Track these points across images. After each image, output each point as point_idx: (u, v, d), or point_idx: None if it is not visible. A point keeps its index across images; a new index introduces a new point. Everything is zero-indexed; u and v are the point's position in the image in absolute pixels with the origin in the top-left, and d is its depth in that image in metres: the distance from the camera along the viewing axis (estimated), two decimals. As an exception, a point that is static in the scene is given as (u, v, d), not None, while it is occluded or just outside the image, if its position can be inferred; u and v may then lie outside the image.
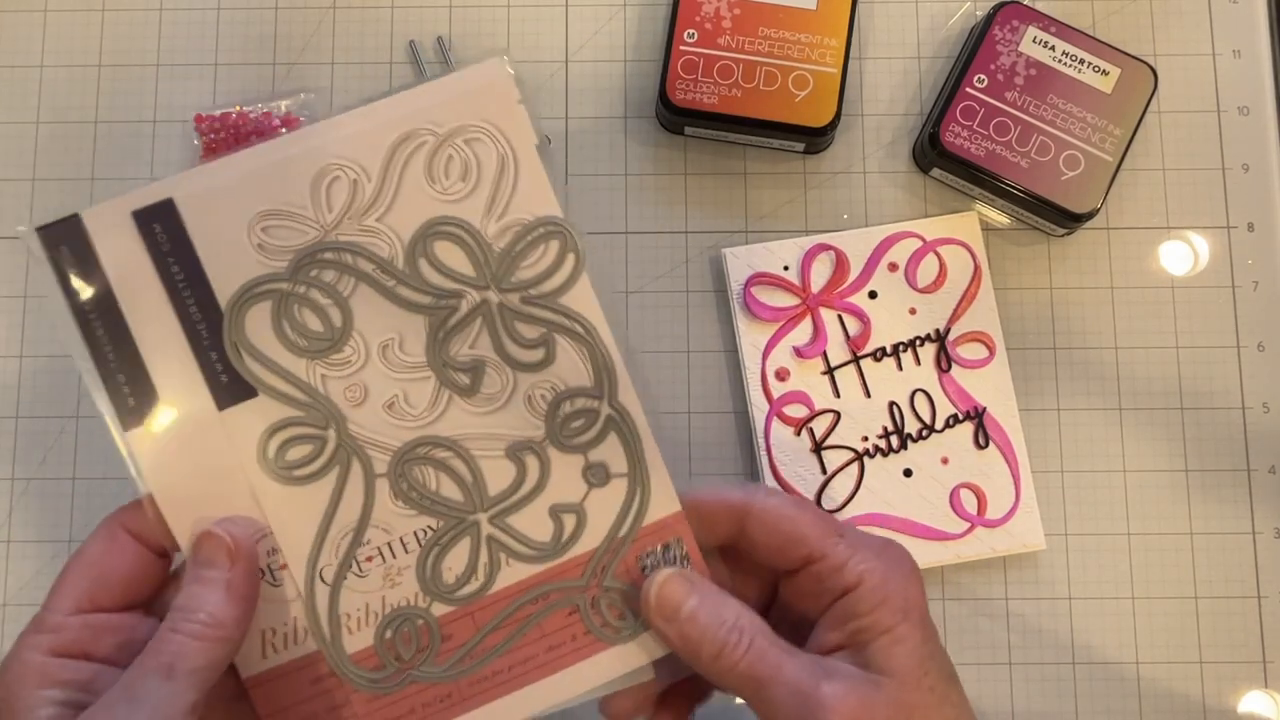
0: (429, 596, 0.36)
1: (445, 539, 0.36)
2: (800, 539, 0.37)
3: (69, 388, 0.52)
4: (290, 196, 0.36)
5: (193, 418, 0.36)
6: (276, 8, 0.55)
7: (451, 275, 0.36)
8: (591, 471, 0.37)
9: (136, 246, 0.36)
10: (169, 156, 0.53)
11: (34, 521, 0.51)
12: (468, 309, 0.37)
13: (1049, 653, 0.50)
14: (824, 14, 0.51)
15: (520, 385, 0.37)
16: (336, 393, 0.36)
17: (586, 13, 0.54)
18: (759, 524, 0.37)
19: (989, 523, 0.50)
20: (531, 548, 0.37)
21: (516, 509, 0.37)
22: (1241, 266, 0.52)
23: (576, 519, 0.37)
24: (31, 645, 0.34)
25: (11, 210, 0.53)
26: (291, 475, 0.36)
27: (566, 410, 0.37)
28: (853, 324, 0.51)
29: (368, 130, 0.37)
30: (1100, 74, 0.50)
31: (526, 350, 0.37)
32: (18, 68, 0.54)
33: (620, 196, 0.53)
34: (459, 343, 0.37)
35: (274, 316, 0.36)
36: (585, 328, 0.37)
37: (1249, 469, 0.51)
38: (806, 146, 0.52)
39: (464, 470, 0.37)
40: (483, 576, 0.37)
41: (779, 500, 0.37)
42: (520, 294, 0.37)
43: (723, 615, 0.36)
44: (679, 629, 0.36)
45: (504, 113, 0.36)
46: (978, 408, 0.50)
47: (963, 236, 0.52)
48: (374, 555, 0.36)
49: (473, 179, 0.36)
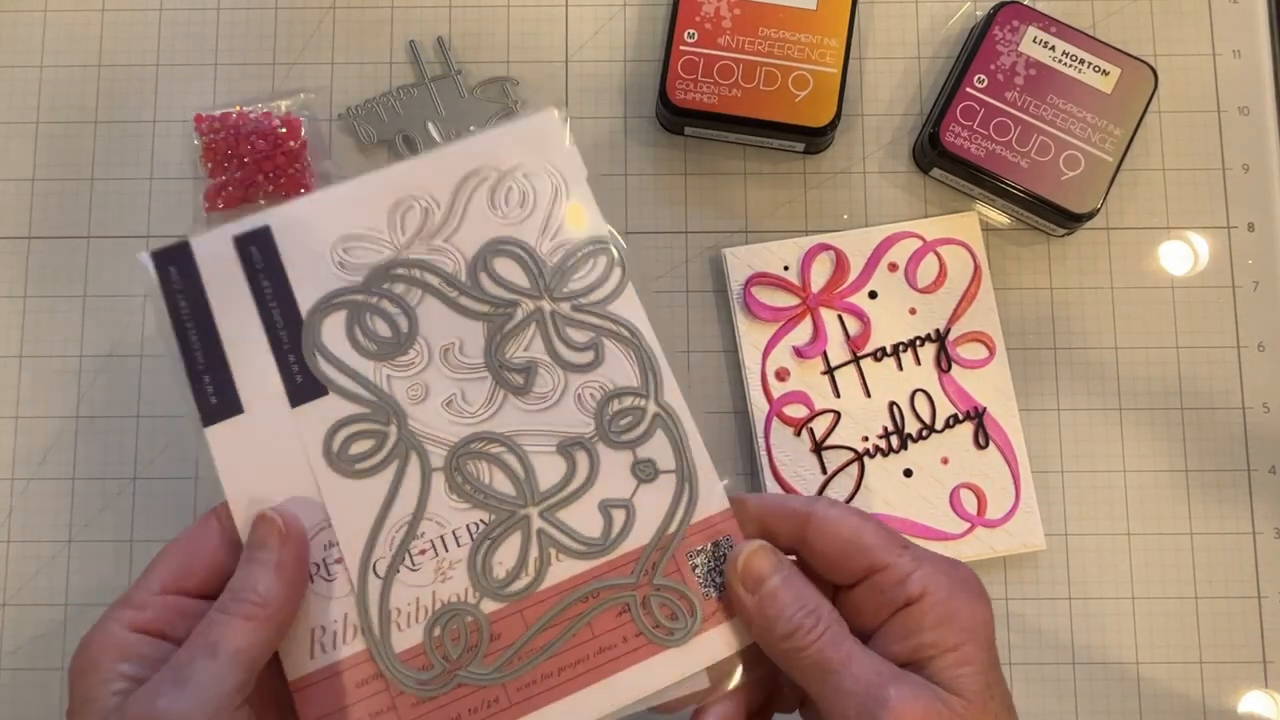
0: (479, 592, 0.37)
1: (496, 532, 0.38)
2: (863, 548, 0.36)
3: (69, 387, 0.52)
4: (369, 222, 0.40)
5: (268, 414, 0.39)
6: (276, 8, 0.55)
7: (509, 286, 0.40)
8: (640, 467, 0.38)
9: (234, 265, 0.39)
10: (169, 156, 0.53)
11: (34, 521, 0.51)
12: (523, 316, 0.40)
13: (1049, 653, 0.50)
14: (824, 14, 0.51)
15: (571, 385, 0.39)
16: (400, 391, 0.39)
17: (586, 13, 0.54)
18: (820, 533, 0.37)
19: (989, 523, 0.50)
20: (581, 542, 0.38)
21: (567, 503, 0.38)
22: (1241, 266, 0.52)
23: (626, 514, 0.38)
24: (116, 618, 0.36)
25: (12, 210, 0.53)
26: (353, 469, 0.38)
27: (615, 408, 0.39)
28: (853, 324, 0.51)
29: (440, 168, 0.41)
30: (1100, 74, 0.50)
31: (577, 352, 0.39)
32: (18, 68, 0.54)
33: (620, 196, 0.53)
34: (514, 346, 0.39)
35: (348, 323, 0.40)
36: (631, 331, 0.39)
37: (1249, 469, 0.51)
38: (806, 146, 0.52)
39: (516, 465, 0.38)
40: (533, 572, 0.37)
41: (841, 510, 0.37)
42: (571, 302, 0.40)
43: (803, 597, 0.36)
44: (759, 602, 0.36)
45: (558, 155, 0.41)
46: (978, 408, 0.50)
47: (963, 236, 0.52)
48: (427, 548, 0.38)
49: (530, 205, 0.40)
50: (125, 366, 0.52)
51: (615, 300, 0.40)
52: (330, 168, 0.53)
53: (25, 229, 0.53)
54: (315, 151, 0.53)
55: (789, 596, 0.36)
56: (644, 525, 0.38)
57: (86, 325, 0.52)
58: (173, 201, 0.53)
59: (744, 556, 0.37)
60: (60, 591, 0.50)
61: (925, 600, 0.35)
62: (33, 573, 0.51)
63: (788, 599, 0.36)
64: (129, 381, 0.52)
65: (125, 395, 0.52)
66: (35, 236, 0.53)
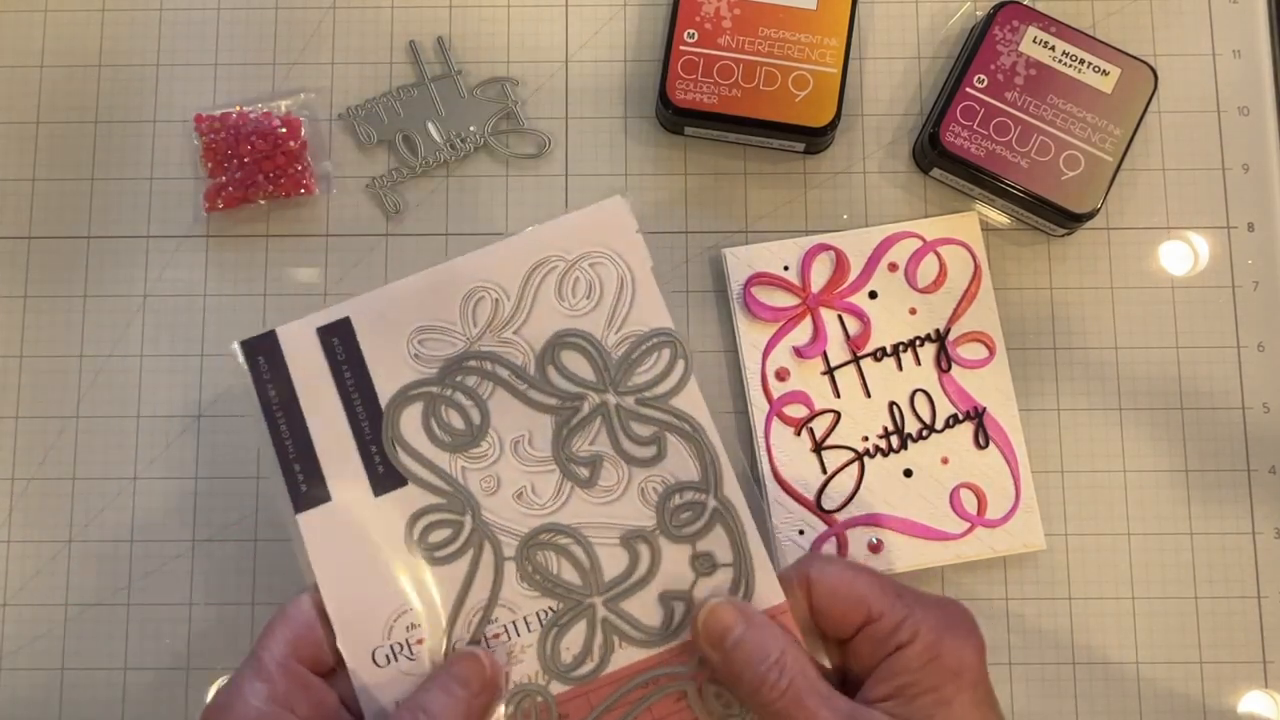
0: (548, 675, 0.40)
1: (564, 620, 0.40)
2: (860, 599, 0.37)
3: (69, 388, 0.52)
4: (442, 313, 0.42)
5: (353, 502, 0.41)
6: (276, 8, 0.55)
7: (575, 380, 0.41)
8: (699, 560, 0.40)
9: (318, 356, 0.42)
10: (169, 156, 0.53)
11: (34, 521, 0.51)
12: (589, 409, 0.41)
13: (1049, 653, 0.50)
14: (824, 14, 0.51)
15: (634, 478, 0.41)
16: (474, 483, 0.41)
17: (586, 13, 0.54)
18: (820, 591, 0.38)
19: (989, 523, 0.50)
20: (643, 631, 0.40)
21: (629, 594, 0.40)
22: (1241, 266, 0.52)
23: (685, 606, 0.40)
24: (254, 692, 0.37)
25: (12, 210, 0.53)
26: (433, 556, 0.41)
27: (676, 502, 0.40)
28: (853, 324, 0.51)
29: (508, 258, 0.42)
30: (1100, 74, 0.50)
31: (640, 447, 0.41)
32: (18, 68, 0.54)
33: (620, 196, 0.53)
34: (581, 439, 0.41)
35: (424, 415, 0.41)
36: (694, 427, 0.41)
37: (1249, 469, 0.51)
38: (806, 146, 0.52)
39: (582, 556, 0.40)
40: (597, 657, 0.40)
41: (836, 565, 0.39)
42: (635, 396, 0.41)
43: (767, 649, 0.36)
44: (724, 655, 0.37)
45: (623, 241, 0.42)
46: (978, 408, 0.50)
47: (963, 236, 0.52)
48: (500, 632, 0.40)
49: (595, 296, 0.42)
50: (125, 366, 0.52)
51: (678, 395, 0.41)
52: (330, 168, 0.53)
53: (25, 229, 0.53)
54: (315, 151, 0.53)
55: (752, 649, 0.36)
56: None
57: (86, 325, 0.52)
58: (173, 201, 0.53)
59: (704, 612, 0.38)
60: (60, 591, 0.50)
61: (914, 645, 0.36)
62: (33, 573, 0.51)
63: (751, 651, 0.36)
64: (129, 381, 0.52)
65: (125, 395, 0.52)
66: (35, 236, 0.53)
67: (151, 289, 0.52)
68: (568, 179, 0.53)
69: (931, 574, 0.50)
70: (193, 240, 0.53)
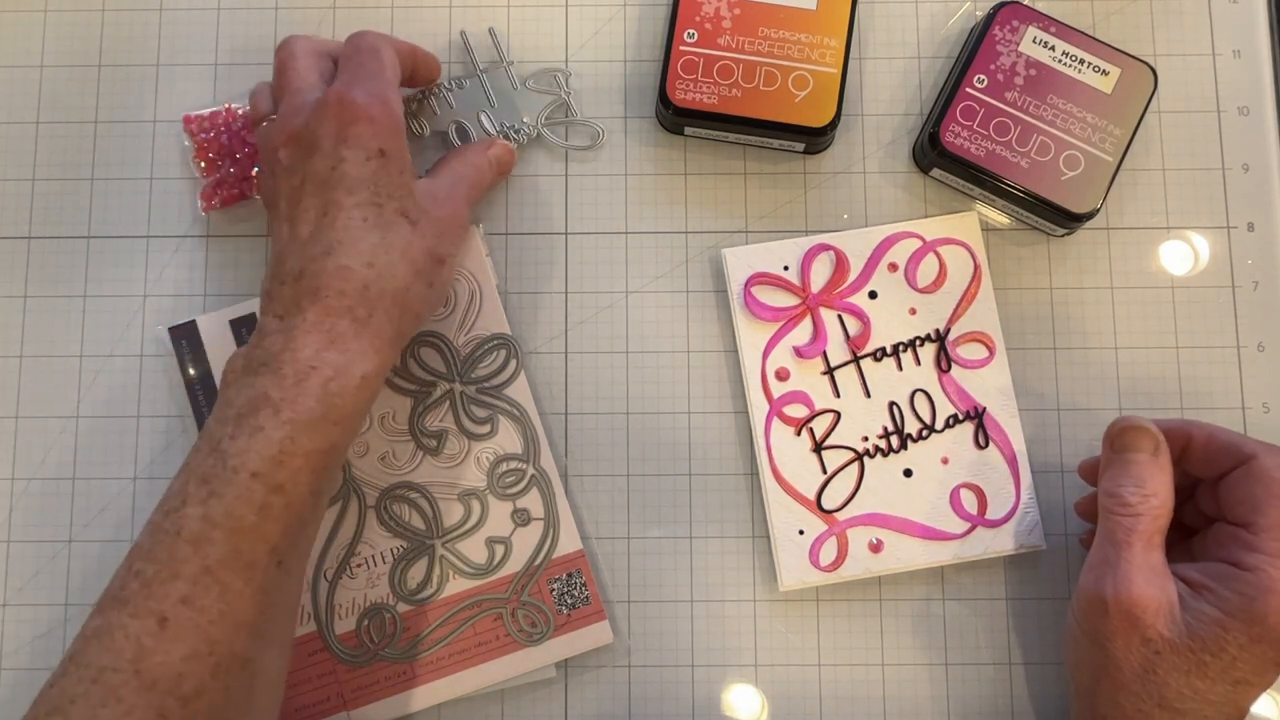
0: (396, 597, 0.50)
1: (411, 555, 0.50)
2: (1233, 444, 0.44)
3: (69, 387, 0.52)
4: None
5: None
6: (276, 8, 0.55)
7: (430, 370, 0.51)
8: (517, 514, 0.50)
9: (229, 341, 0.51)
10: (169, 157, 0.53)
11: (34, 521, 0.51)
12: (439, 394, 0.51)
13: (1049, 653, 0.50)
14: (824, 14, 0.51)
15: (472, 449, 0.50)
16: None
17: (586, 13, 0.54)
18: (1200, 438, 0.45)
19: (989, 523, 0.50)
20: (471, 567, 0.50)
21: (462, 538, 0.50)
22: (1241, 266, 0.52)
23: (505, 549, 0.50)
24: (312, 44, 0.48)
25: (12, 210, 0.53)
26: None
27: (503, 469, 0.50)
28: (853, 324, 0.51)
29: None
30: (1100, 74, 0.50)
31: (478, 425, 0.51)
32: (18, 68, 0.54)
33: (620, 196, 0.53)
34: (431, 417, 0.51)
35: None
36: (520, 411, 0.51)
37: (1249, 469, 0.51)
38: (806, 146, 0.52)
39: (427, 507, 0.50)
40: (435, 585, 0.50)
41: (1211, 426, 0.45)
42: (476, 386, 0.51)
43: (1151, 481, 0.44)
44: (1111, 461, 0.45)
45: (475, 263, 0.51)
46: (978, 408, 0.50)
47: (963, 236, 0.52)
48: (362, 563, 0.50)
49: (451, 305, 0.51)
50: (125, 366, 0.52)
51: (510, 386, 0.51)
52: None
53: (25, 229, 0.53)
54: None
55: (1141, 472, 0.43)
56: (517, 557, 0.50)
57: (86, 325, 0.52)
58: (172, 201, 0.53)
59: (1120, 427, 0.45)
60: (60, 591, 0.50)
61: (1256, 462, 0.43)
62: (33, 573, 0.51)
63: (1139, 474, 0.43)
64: (129, 381, 0.52)
65: (125, 395, 0.52)
66: (35, 236, 0.53)
67: (151, 289, 0.52)
68: (567, 179, 0.53)
69: (931, 574, 0.50)
70: (192, 240, 0.53)
